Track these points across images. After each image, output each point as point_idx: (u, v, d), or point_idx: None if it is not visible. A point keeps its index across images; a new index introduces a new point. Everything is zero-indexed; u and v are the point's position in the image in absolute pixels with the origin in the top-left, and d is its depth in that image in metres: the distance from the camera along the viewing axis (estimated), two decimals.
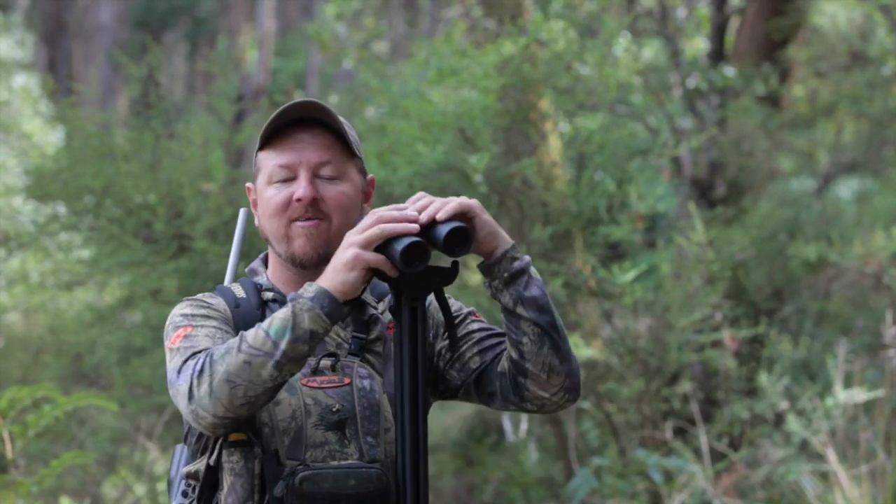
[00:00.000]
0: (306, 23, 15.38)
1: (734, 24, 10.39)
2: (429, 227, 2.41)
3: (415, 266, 2.40)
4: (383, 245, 2.40)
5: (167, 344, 2.53)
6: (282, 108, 2.58)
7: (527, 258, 2.50)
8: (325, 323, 2.37)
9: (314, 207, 2.55)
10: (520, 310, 2.47)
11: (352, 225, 2.55)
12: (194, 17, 27.51)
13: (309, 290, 2.39)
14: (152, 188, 7.06)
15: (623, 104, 8.86)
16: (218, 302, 2.61)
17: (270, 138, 2.60)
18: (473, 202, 2.43)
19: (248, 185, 2.70)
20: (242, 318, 2.57)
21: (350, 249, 2.38)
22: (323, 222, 2.57)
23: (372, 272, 2.40)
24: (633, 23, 9.62)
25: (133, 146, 7.29)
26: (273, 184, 2.59)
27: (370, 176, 2.71)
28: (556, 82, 6.84)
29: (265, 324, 2.38)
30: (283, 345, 2.35)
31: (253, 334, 2.37)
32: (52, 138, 14.07)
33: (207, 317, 2.55)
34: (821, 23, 11.62)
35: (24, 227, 8.78)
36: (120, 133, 7.63)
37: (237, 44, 23.80)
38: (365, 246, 2.38)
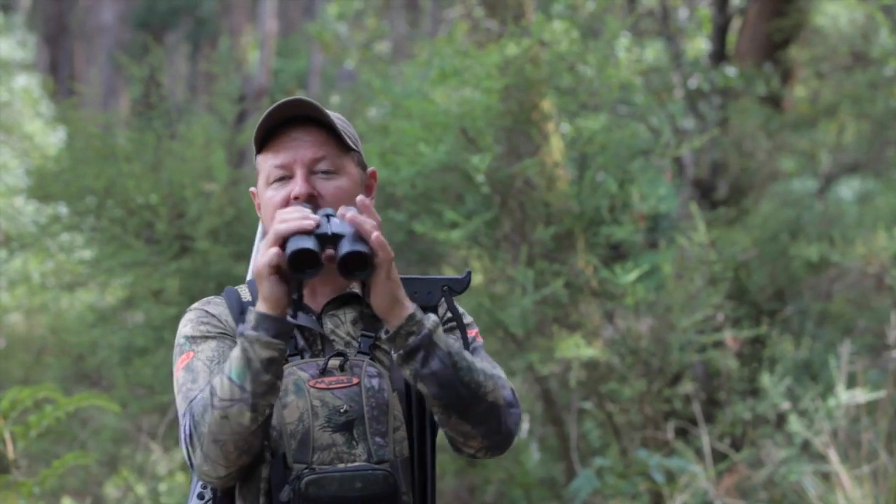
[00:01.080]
0: (308, 23, 15.38)
1: (736, 24, 10.39)
2: (335, 241, 2.37)
3: (306, 273, 2.35)
4: (284, 245, 2.37)
5: (174, 371, 2.56)
6: (270, 108, 2.59)
7: (426, 327, 2.42)
8: (277, 345, 2.36)
9: (312, 204, 2.54)
10: (420, 386, 2.44)
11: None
12: (196, 17, 27.52)
13: (250, 319, 2.38)
14: (154, 189, 7.06)
15: (625, 105, 8.86)
16: (221, 312, 2.61)
17: (265, 140, 2.60)
18: (383, 256, 2.37)
19: (252, 189, 2.70)
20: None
21: (255, 265, 2.38)
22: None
23: (289, 273, 2.36)
24: (635, 23, 9.61)
25: (135, 147, 7.29)
26: (271, 184, 2.59)
27: (371, 168, 2.70)
28: (558, 83, 6.84)
29: (226, 368, 2.38)
30: (248, 386, 2.35)
31: (219, 385, 2.37)
32: (53, 139, 14.07)
33: (206, 337, 2.56)
34: (822, 23, 11.61)
35: (25, 228, 8.78)
36: (121, 134, 7.63)
37: (239, 44, 23.81)
38: (264, 252, 2.36)
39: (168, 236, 7.04)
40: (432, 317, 2.45)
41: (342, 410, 2.48)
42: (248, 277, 2.80)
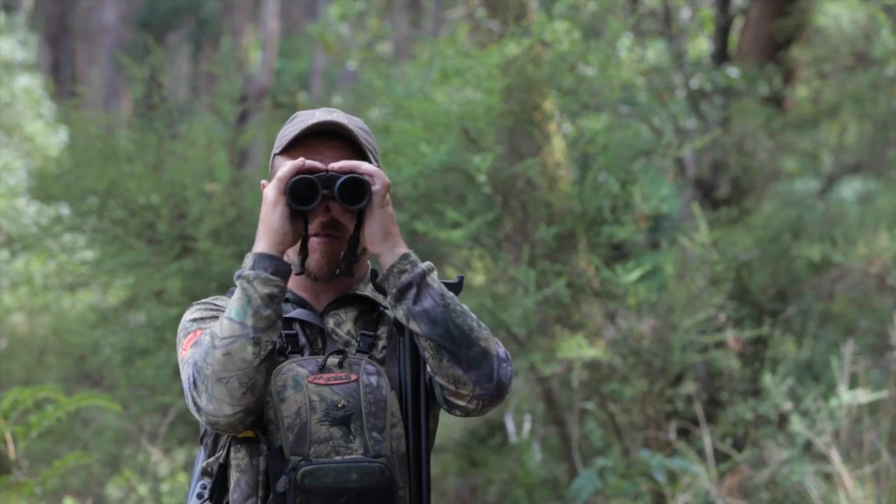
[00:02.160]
0: (310, 24, 15.38)
1: (738, 24, 10.39)
2: (333, 180, 2.50)
3: (306, 204, 2.48)
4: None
5: (179, 353, 2.57)
6: (308, 123, 2.61)
7: (420, 267, 2.49)
8: (276, 281, 2.43)
9: (329, 222, 2.58)
10: (412, 325, 2.48)
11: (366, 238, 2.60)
12: (198, 18, 27.53)
13: (247, 261, 2.46)
14: (156, 189, 7.06)
15: (627, 105, 8.86)
16: (226, 303, 2.63)
17: (290, 145, 2.62)
18: (380, 185, 2.50)
19: (263, 182, 2.69)
20: None
21: (265, 193, 2.50)
22: (337, 240, 2.59)
23: (292, 204, 2.48)
24: (637, 24, 9.61)
25: (136, 147, 7.29)
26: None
27: (386, 181, 2.71)
28: (559, 83, 6.84)
29: (227, 310, 2.43)
30: (249, 321, 2.40)
31: (220, 325, 2.42)
32: (55, 140, 14.07)
33: (214, 317, 2.58)
34: (824, 23, 11.61)
35: (27, 229, 8.79)
36: (123, 134, 7.63)
37: (241, 45, 23.82)
38: (275, 182, 2.49)
39: (170, 237, 7.04)
40: (428, 262, 2.51)
41: (340, 405, 2.50)
42: None
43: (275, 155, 2.66)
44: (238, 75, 8.16)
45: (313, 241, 2.59)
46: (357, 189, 2.47)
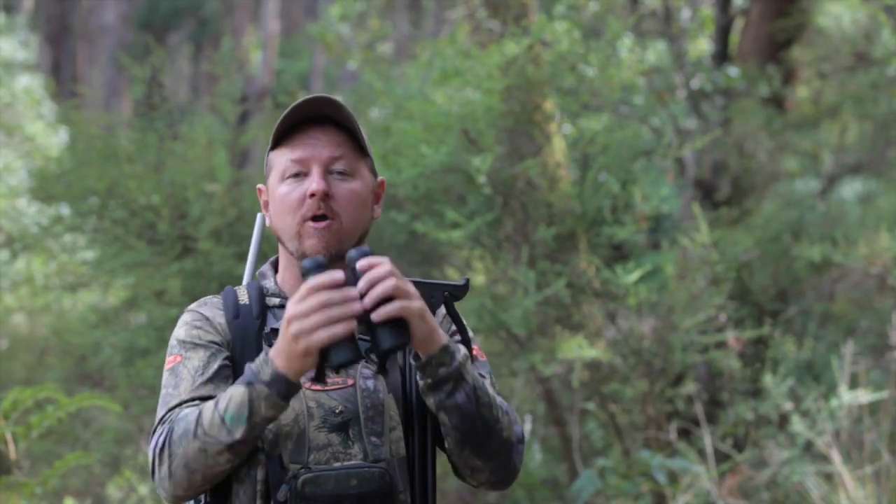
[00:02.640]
0: (310, 24, 15.39)
1: (738, 25, 10.39)
2: (367, 317, 2.31)
3: (347, 366, 2.31)
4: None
5: (164, 366, 2.57)
6: (293, 104, 2.57)
7: (457, 360, 2.42)
8: (282, 405, 2.34)
9: (326, 204, 2.53)
10: (441, 416, 2.45)
11: (362, 224, 2.58)
12: (198, 18, 27.54)
13: (265, 371, 2.32)
14: (156, 189, 7.06)
15: (627, 105, 8.86)
16: (215, 315, 2.59)
17: (282, 138, 2.59)
18: (414, 308, 2.33)
19: (260, 186, 2.68)
20: (241, 328, 2.56)
21: (301, 342, 2.27)
22: (334, 222, 2.54)
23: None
24: (637, 24, 9.61)
25: (137, 148, 7.29)
26: (285, 180, 2.57)
27: (380, 178, 2.69)
28: (560, 83, 6.84)
29: (221, 405, 2.34)
30: (237, 434, 2.33)
31: (209, 419, 2.35)
32: (55, 140, 14.08)
33: (196, 345, 2.54)
34: (825, 24, 11.61)
35: (28, 229, 8.79)
36: (124, 134, 7.63)
37: (241, 45, 23.82)
38: (311, 334, 2.26)
39: (170, 237, 7.04)
40: (462, 349, 2.44)
41: (337, 411, 2.49)
42: (246, 280, 2.79)
43: (269, 151, 2.62)
44: (239, 75, 8.17)
45: (309, 226, 2.54)
46: (397, 348, 2.34)
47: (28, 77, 16.94)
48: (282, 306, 2.59)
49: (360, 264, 2.33)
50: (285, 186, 2.57)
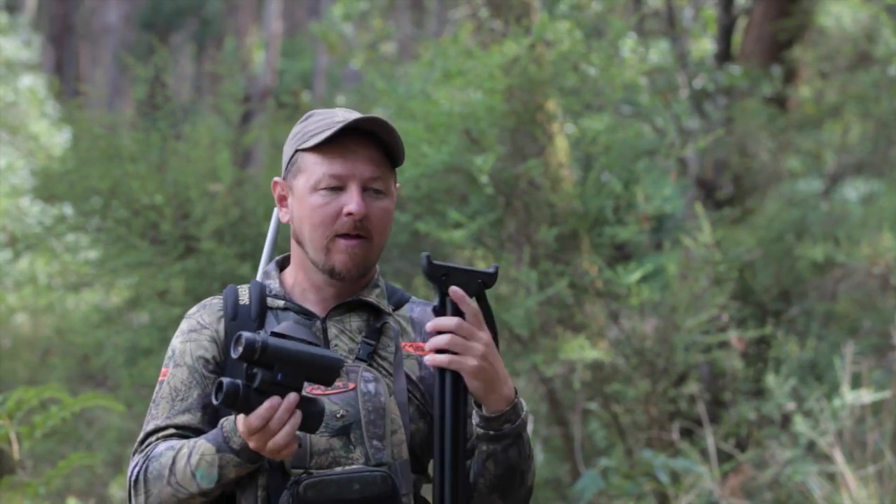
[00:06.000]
0: (313, 24, 15.40)
1: (741, 24, 10.39)
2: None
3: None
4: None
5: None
6: (343, 119, 2.53)
7: (521, 417, 2.46)
8: (252, 467, 2.41)
9: (360, 223, 2.51)
10: (488, 463, 2.48)
11: (388, 238, 2.58)
12: (201, 18, 27.53)
13: (234, 440, 2.38)
14: (159, 189, 7.06)
15: (629, 105, 8.86)
16: (211, 321, 2.58)
17: (322, 142, 2.53)
18: (467, 366, 2.39)
19: (276, 180, 2.63)
20: (237, 329, 2.55)
21: (276, 445, 2.33)
22: (366, 241, 2.53)
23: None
24: (640, 23, 9.62)
25: (140, 147, 7.30)
26: (319, 191, 2.52)
27: (398, 185, 2.66)
28: (562, 83, 6.84)
29: (193, 460, 2.40)
30: (206, 487, 2.40)
31: (181, 470, 2.40)
32: (59, 139, 14.09)
33: (182, 364, 2.55)
34: (827, 24, 11.61)
35: (31, 229, 8.80)
36: (127, 134, 7.63)
37: (244, 45, 23.80)
38: (284, 443, 2.34)
39: (173, 237, 7.04)
40: (524, 405, 2.48)
41: (339, 415, 2.48)
42: (259, 276, 2.73)
43: (298, 150, 2.56)
44: (241, 75, 8.19)
45: (340, 243, 2.52)
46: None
47: (31, 77, 16.95)
48: (285, 308, 2.58)
49: (453, 292, 2.43)
50: (319, 198, 2.53)
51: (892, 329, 7.15)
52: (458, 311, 2.43)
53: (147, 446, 2.49)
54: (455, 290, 2.42)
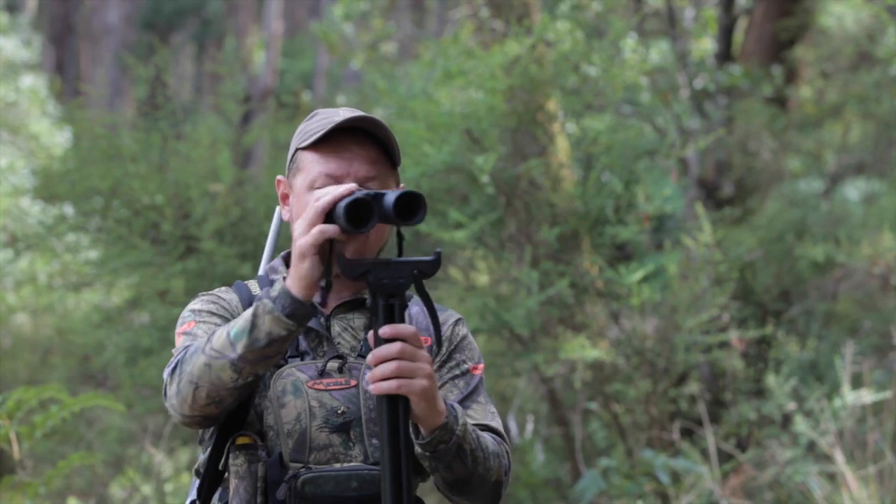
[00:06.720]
0: (314, 23, 15.39)
1: (742, 24, 10.39)
2: (379, 197, 2.35)
3: (365, 225, 2.32)
4: (328, 219, 2.33)
5: (175, 335, 2.55)
6: (339, 118, 2.53)
7: (456, 434, 2.40)
8: (287, 324, 2.32)
9: None
10: (437, 476, 2.47)
11: (385, 238, 2.56)
12: (202, 18, 27.55)
13: (274, 287, 2.34)
14: (160, 189, 7.07)
15: (630, 105, 8.86)
16: (231, 298, 2.60)
17: (318, 141, 2.54)
18: (416, 388, 2.31)
19: (280, 178, 2.64)
20: None
21: (297, 243, 2.32)
22: (366, 237, 2.51)
23: (328, 255, 2.33)
24: (641, 23, 9.62)
25: (141, 147, 7.30)
26: (315, 189, 2.52)
27: (402, 185, 2.66)
28: (563, 83, 6.84)
29: (231, 324, 2.37)
30: (239, 348, 2.33)
31: (218, 336, 2.36)
32: (59, 139, 14.09)
33: (213, 313, 2.55)
34: (828, 23, 11.61)
35: (31, 228, 8.80)
36: (127, 134, 7.63)
37: (245, 45, 23.81)
38: (306, 230, 2.32)
39: (173, 237, 7.04)
40: (460, 417, 2.42)
41: (340, 412, 2.49)
42: (261, 272, 2.75)
43: (298, 149, 2.58)
44: (242, 75, 8.19)
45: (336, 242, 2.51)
46: (415, 202, 2.35)
47: (32, 77, 16.95)
48: None
49: (383, 332, 2.31)
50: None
51: (892, 329, 7.15)
52: (391, 315, 2.33)
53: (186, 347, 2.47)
54: (384, 331, 2.30)
